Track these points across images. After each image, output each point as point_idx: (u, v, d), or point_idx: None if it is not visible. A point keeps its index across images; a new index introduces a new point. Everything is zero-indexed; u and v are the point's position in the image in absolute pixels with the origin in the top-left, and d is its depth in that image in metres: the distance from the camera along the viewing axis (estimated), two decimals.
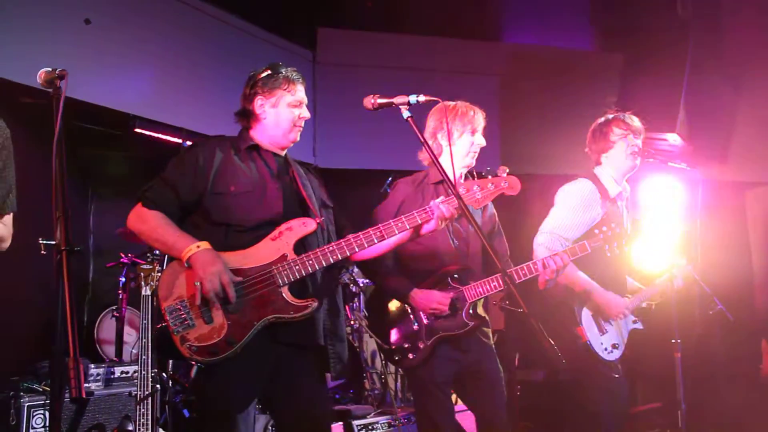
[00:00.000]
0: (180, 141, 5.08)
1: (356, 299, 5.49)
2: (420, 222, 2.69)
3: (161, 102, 5.59)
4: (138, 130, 5.44)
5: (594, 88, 7.07)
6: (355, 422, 4.24)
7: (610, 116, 3.68)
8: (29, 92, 4.98)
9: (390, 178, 5.79)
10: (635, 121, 3.66)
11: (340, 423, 4.18)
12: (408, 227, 2.68)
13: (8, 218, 2.61)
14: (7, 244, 2.62)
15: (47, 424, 3.79)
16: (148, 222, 2.61)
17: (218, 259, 2.49)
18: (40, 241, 3.67)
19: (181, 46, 5.79)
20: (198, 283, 2.46)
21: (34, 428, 3.77)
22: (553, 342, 2.27)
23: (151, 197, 2.64)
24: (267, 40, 6.51)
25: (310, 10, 6.68)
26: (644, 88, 6.80)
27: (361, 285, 5.39)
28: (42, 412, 3.80)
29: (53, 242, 1.97)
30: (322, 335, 2.69)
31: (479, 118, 3.33)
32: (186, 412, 4.69)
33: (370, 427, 4.29)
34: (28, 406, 3.77)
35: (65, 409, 3.87)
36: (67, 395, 1.83)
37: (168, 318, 2.50)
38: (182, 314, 2.51)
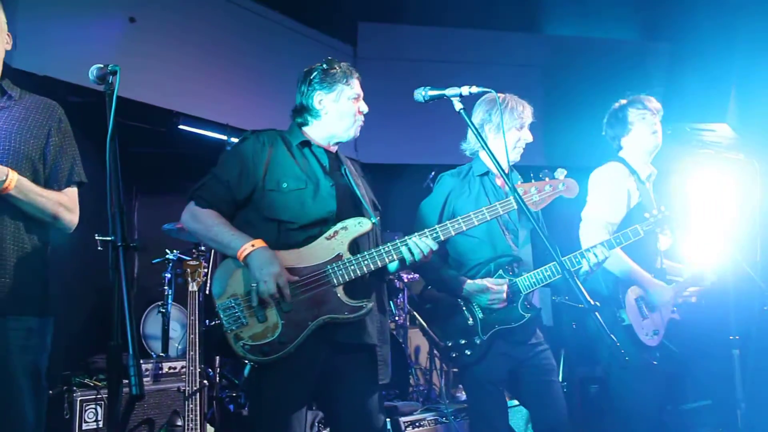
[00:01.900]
0: (224, 137, 5.09)
1: (400, 294, 5.45)
2: (476, 223, 2.68)
3: (205, 99, 5.63)
4: (182, 127, 5.47)
5: (639, 79, 6.92)
6: (402, 419, 4.20)
7: (624, 101, 3.66)
8: (76, 91, 5.05)
9: (433, 173, 5.74)
10: (652, 101, 3.63)
11: (387, 419, 4.14)
12: (464, 228, 2.67)
13: (71, 191, 2.65)
14: (74, 217, 2.65)
15: (99, 417, 3.84)
16: (203, 221, 2.59)
17: (275, 259, 2.46)
18: (96, 237, 3.70)
19: (224, 43, 5.82)
20: (254, 284, 2.43)
21: (86, 422, 3.82)
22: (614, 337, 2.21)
23: (203, 195, 2.61)
24: (308, 35, 6.53)
25: (350, 5, 6.65)
26: (692, 77, 6.63)
27: (405, 280, 5.35)
28: (94, 406, 3.85)
29: (109, 238, 1.96)
30: (371, 335, 2.65)
31: (528, 114, 3.28)
32: (231, 408, 4.71)
33: (417, 424, 4.25)
34: (80, 400, 3.82)
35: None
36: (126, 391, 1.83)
37: (221, 315, 2.47)
38: (236, 312, 2.47)
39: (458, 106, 2.56)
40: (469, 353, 3.13)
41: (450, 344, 3.18)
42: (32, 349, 2.42)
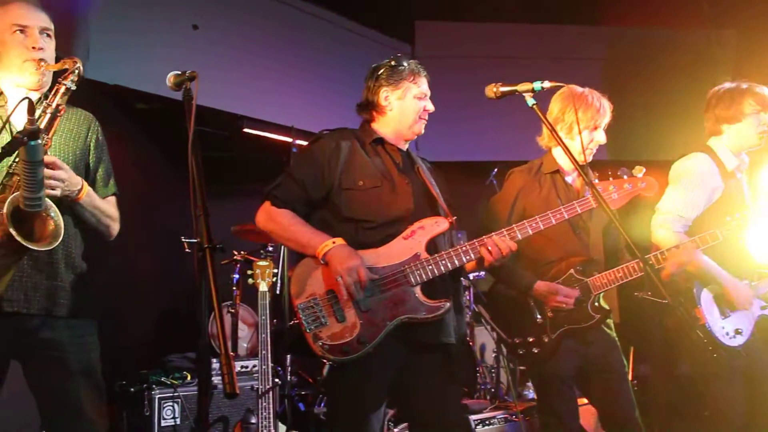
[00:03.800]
0: (289, 140, 5.15)
1: (466, 293, 5.43)
2: (567, 216, 2.68)
3: (268, 101, 5.72)
4: (246, 130, 5.57)
5: (705, 69, 6.72)
6: (472, 417, 4.18)
7: (744, 85, 3.37)
8: (143, 98, 5.21)
9: (495, 170, 5.70)
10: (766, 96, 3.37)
11: None
12: (542, 227, 2.67)
13: (113, 200, 2.71)
14: (117, 226, 2.70)
15: (176, 415, 3.96)
16: (279, 221, 2.61)
17: (356, 253, 2.48)
18: (183, 240, 3.80)
19: (285, 46, 5.92)
20: (338, 278, 2.45)
21: (164, 419, 3.93)
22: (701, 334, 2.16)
23: (279, 195, 2.63)
24: (367, 36, 6.59)
25: (407, 4, 6.67)
26: (762, 65, 6.41)
27: (471, 278, 5.33)
28: (171, 403, 3.96)
29: (195, 240, 2.01)
30: (449, 334, 2.65)
31: (604, 113, 3.20)
32: (301, 406, 4.77)
33: (486, 422, 4.23)
34: (158, 398, 3.94)
35: (190, 401, 4.02)
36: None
37: (301, 315, 2.48)
38: (315, 312, 2.49)
39: (531, 101, 2.53)
40: (536, 351, 3.11)
41: (518, 341, 3.16)
42: (86, 347, 2.50)
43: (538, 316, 3.12)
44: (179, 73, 2.40)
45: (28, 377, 2.44)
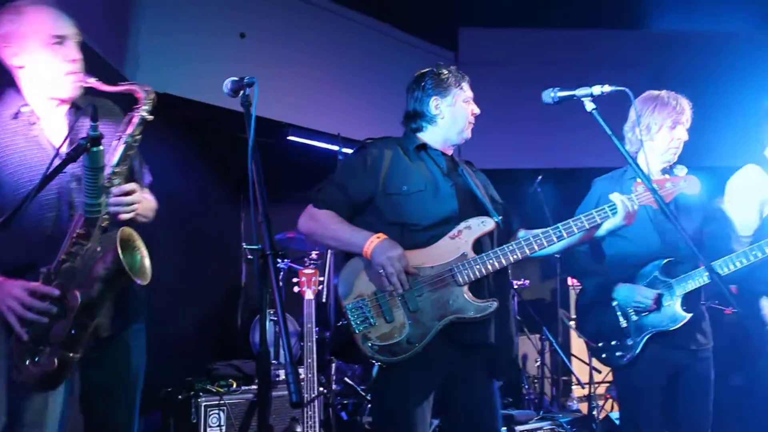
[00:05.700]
0: (335, 148, 5.14)
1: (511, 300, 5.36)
2: (599, 221, 2.60)
3: (314, 109, 5.74)
4: (291, 138, 5.57)
5: (759, 73, 6.56)
6: (518, 428, 4.13)
7: None
8: (188, 106, 5.24)
9: (540, 177, 5.61)
10: None
11: (504, 428, 4.08)
12: (587, 227, 2.60)
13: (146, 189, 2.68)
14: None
15: (222, 423, 3.96)
16: (321, 220, 2.63)
17: (398, 245, 2.48)
18: (244, 246, 3.81)
19: (330, 54, 5.95)
20: (381, 270, 2.43)
21: (210, 426, 3.94)
22: None
23: (321, 198, 2.66)
24: (410, 43, 6.60)
25: (451, 11, 6.64)
26: None
27: (515, 286, 5.27)
28: (216, 411, 3.96)
29: (257, 247, 1.99)
30: (492, 335, 2.60)
31: (682, 110, 3.15)
32: (344, 415, 4.74)
33: None
34: (204, 405, 3.94)
35: (235, 409, 4.02)
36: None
37: (349, 316, 2.48)
38: (363, 312, 2.49)
39: (590, 106, 2.47)
40: (619, 354, 3.05)
41: (601, 345, 3.11)
42: (143, 348, 2.54)
43: (623, 320, 3.07)
44: (237, 79, 2.42)
45: (91, 377, 2.43)
